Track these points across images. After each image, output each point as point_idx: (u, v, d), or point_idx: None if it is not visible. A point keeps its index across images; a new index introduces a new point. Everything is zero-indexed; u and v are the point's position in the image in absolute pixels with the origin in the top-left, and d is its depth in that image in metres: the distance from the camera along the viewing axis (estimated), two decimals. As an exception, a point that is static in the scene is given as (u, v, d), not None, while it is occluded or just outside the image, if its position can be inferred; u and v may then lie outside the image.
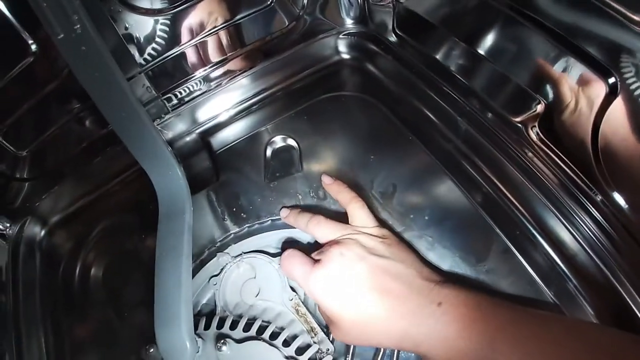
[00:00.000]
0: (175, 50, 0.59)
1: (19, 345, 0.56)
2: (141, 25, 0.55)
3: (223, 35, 0.61)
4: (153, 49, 0.57)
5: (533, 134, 0.50)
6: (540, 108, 0.47)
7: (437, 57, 0.58)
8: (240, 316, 0.50)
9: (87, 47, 0.46)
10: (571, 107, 0.44)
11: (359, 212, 0.51)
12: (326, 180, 0.57)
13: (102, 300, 0.58)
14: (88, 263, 0.61)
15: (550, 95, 0.46)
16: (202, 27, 0.58)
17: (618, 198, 0.44)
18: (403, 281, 0.43)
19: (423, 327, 0.41)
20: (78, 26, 0.45)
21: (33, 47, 0.50)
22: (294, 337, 0.47)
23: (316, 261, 0.46)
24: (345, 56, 0.70)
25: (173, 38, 0.58)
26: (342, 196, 0.54)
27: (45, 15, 0.44)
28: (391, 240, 0.48)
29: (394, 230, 0.53)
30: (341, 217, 0.52)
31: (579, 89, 0.43)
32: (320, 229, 0.50)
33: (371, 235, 0.48)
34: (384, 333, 0.42)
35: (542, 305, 0.47)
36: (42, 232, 0.66)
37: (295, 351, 0.46)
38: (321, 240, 0.50)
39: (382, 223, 0.53)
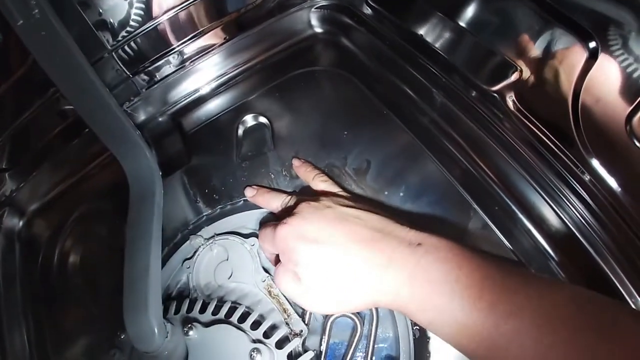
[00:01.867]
0: (145, 28, 0.59)
1: (1, 336, 0.58)
2: (112, 3, 0.55)
3: (193, 9, 0.61)
4: (123, 27, 0.58)
5: (510, 103, 0.49)
6: (516, 76, 0.47)
7: (412, 28, 0.57)
8: (217, 299, 0.51)
9: (47, 32, 0.46)
10: (550, 74, 0.44)
11: (322, 184, 0.52)
12: (296, 162, 0.57)
13: (81, 288, 0.60)
14: (66, 251, 0.62)
15: (528, 62, 0.46)
16: (168, 3, 0.58)
17: (598, 167, 0.44)
18: (376, 226, 0.43)
19: (405, 267, 0.39)
20: (36, 11, 0.46)
21: (-1, 36, 0.51)
22: (262, 320, 0.48)
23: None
24: (318, 30, 0.70)
25: (143, 15, 0.58)
26: (307, 175, 0.55)
27: (3, 2, 0.45)
28: (358, 198, 0.50)
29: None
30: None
31: (558, 54, 0.43)
32: (292, 199, 0.51)
33: (338, 195, 0.49)
34: (360, 279, 0.41)
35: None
36: (21, 223, 0.67)
37: (264, 333, 0.46)
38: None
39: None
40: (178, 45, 0.63)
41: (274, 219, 0.54)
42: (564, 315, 0.33)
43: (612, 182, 0.44)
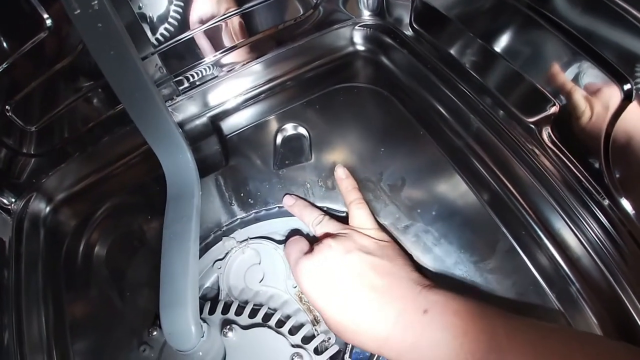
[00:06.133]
0: (189, 33, 0.58)
1: (19, 321, 0.55)
2: (155, 5, 0.54)
3: (237, 20, 0.60)
4: (166, 29, 0.56)
5: (545, 135, 0.49)
6: (554, 110, 0.47)
7: (453, 53, 0.56)
8: (245, 302, 0.49)
9: (104, 25, 0.45)
10: (585, 111, 0.44)
11: (358, 212, 0.51)
12: (340, 173, 0.55)
13: (105, 279, 0.58)
14: (92, 242, 0.60)
15: (565, 97, 0.45)
16: (216, 11, 0.57)
17: (626, 204, 0.43)
18: (389, 280, 0.42)
19: (408, 334, 0.39)
20: (95, 2, 0.44)
21: (48, 22, 0.49)
22: (299, 326, 0.47)
23: (309, 251, 0.46)
24: (360, 47, 0.69)
25: (187, 20, 0.57)
26: (347, 194, 0.53)
27: (63, -10, 0.43)
28: (386, 243, 0.47)
29: (400, 225, 0.52)
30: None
31: (594, 92, 0.42)
32: (322, 227, 0.50)
33: (367, 235, 0.48)
34: (365, 336, 0.41)
35: (544, 308, 0.46)
36: (47, 209, 0.65)
37: (301, 340, 0.45)
38: (319, 237, 0.50)
39: (389, 216, 0.53)
40: (220, 53, 0.62)
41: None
42: None
43: (637, 218, 0.43)
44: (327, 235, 0.48)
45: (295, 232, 0.55)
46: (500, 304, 0.45)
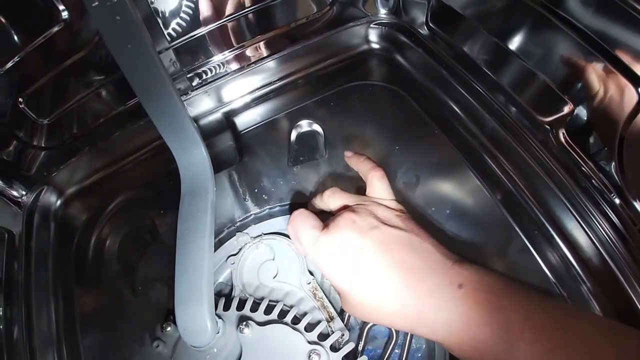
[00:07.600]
0: (205, 29, 0.57)
1: (29, 315, 0.54)
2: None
3: (253, 17, 0.59)
4: (178, 24, 0.55)
5: (560, 136, 0.48)
6: (569, 110, 0.46)
7: (469, 52, 0.56)
8: (261, 298, 0.48)
9: (122, 17, 0.44)
10: (600, 113, 0.43)
11: (377, 183, 0.47)
12: (348, 153, 0.54)
13: (116, 274, 0.56)
14: (103, 236, 0.59)
15: (580, 98, 0.44)
16: (231, 7, 0.56)
17: (637, 204, 0.43)
18: (419, 254, 0.39)
19: (442, 310, 0.36)
20: (115, -5, 0.43)
21: (64, 14, 0.48)
22: (315, 323, 0.46)
23: (326, 227, 0.42)
24: (375, 46, 0.68)
25: (199, 15, 0.56)
26: (362, 166, 0.51)
27: (81, -18, 0.42)
28: (406, 215, 0.45)
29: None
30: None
31: (609, 94, 0.41)
32: (335, 198, 0.47)
33: (387, 207, 0.45)
34: (397, 315, 0.38)
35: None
36: (58, 203, 0.63)
37: (317, 337, 0.44)
38: (335, 210, 0.47)
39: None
40: (235, 49, 0.61)
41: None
42: (597, 348, 0.33)
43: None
44: (345, 207, 0.45)
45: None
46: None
